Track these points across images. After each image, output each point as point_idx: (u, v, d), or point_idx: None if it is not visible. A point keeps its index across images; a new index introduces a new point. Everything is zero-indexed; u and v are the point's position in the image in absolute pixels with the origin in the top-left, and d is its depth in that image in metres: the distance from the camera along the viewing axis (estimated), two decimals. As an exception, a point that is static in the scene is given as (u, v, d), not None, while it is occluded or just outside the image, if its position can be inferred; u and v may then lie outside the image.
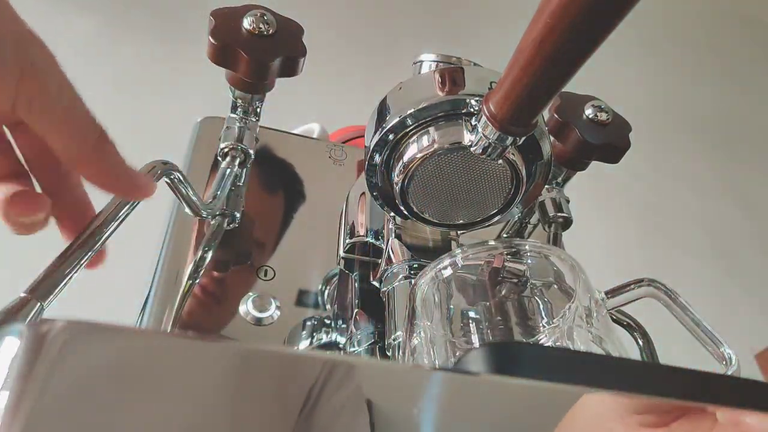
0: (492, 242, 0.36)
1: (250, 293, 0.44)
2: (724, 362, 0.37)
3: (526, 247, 0.36)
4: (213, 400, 0.15)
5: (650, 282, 0.41)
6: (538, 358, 0.18)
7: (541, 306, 0.36)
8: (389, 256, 0.42)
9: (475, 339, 0.34)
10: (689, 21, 2.47)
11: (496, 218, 0.39)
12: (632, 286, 0.42)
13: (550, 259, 0.36)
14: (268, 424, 0.15)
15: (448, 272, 0.35)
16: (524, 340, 0.34)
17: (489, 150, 0.32)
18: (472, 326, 0.35)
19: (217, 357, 0.16)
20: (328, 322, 0.46)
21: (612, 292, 0.42)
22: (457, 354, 0.33)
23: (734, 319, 1.60)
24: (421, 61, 0.40)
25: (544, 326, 0.35)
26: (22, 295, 0.25)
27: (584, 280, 0.34)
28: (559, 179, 0.50)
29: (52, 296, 0.26)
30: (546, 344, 0.33)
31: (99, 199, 0.31)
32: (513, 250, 0.36)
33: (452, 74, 0.35)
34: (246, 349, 0.16)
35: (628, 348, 0.42)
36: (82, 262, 0.28)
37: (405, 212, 0.38)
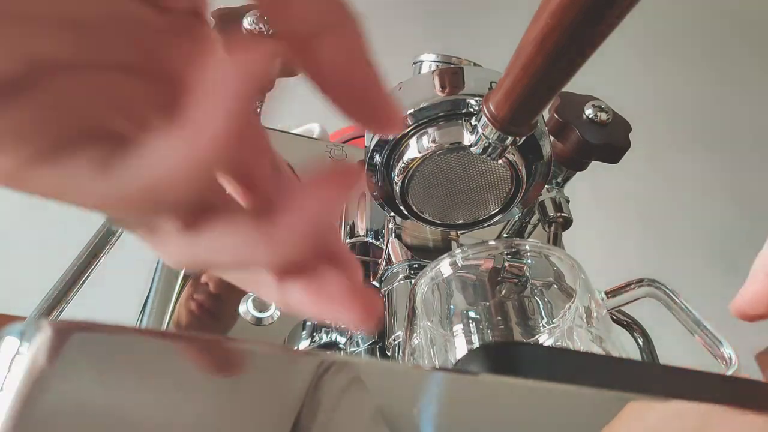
0: (492, 242, 0.36)
1: (250, 293, 0.44)
2: (724, 362, 0.37)
3: (526, 247, 0.36)
4: (212, 399, 0.15)
5: (650, 282, 0.41)
6: (538, 358, 0.18)
7: (541, 306, 0.36)
8: (389, 256, 0.42)
9: (475, 339, 0.34)
10: (689, 21, 2.47)
11: (496, 218, 0.39)
12: (632, 286, 0.42)
13: (550, 259, 0.36)
14: (266, 423, 0.15)
15: (448, 272, 0.35)
16: (524, 340, 0.34)
17: (489, 150, 0.32)
18: (472, 326, 0.35)
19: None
20: (328, 322, 0.46)
21: (612, 292, 0.42)
22: (457, 354, 0.33)
23: (734, 319, 1.59)
24: (421, 61, 0.40)
25: (544, 326, 0.35)
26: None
27: (584, 280, 0.34)
28: (559, 179, 0.50)
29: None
30: (546, 344, 0.33)
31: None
32: (513, 250, 0.36)
33: (452, 74, 0.35)
34: (245, 348, 0.16)
35: (628, 348, 0.42)
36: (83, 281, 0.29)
37: (405, 212, 0.38)
